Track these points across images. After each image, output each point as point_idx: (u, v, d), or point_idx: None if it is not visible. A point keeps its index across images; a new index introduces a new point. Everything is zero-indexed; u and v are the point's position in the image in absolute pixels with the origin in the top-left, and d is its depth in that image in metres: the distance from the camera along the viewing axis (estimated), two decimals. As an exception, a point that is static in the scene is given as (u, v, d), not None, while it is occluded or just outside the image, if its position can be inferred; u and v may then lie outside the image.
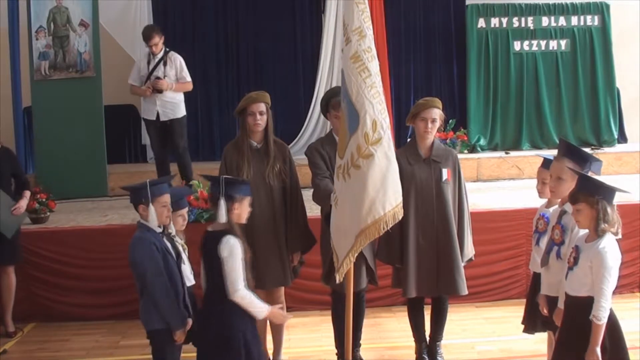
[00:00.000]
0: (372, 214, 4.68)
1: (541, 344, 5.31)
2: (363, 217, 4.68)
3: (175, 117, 8.35)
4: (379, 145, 4.68)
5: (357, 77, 4.70)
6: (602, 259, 3.90)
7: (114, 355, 6.13)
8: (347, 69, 4.76)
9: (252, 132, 5.31)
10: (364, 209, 4.67)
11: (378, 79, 4.79)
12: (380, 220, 4.70)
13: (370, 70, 4.73)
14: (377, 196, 4.67)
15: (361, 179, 4.66)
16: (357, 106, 4.68)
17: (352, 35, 4.75)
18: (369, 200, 4.66)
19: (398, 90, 10.93)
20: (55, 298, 7.00)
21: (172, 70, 8.30)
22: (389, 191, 4.71)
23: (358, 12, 4.77)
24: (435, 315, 5.54)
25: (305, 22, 10.99)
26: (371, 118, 4.66)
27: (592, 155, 4.55)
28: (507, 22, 10.46)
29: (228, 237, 4.15)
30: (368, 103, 4.66)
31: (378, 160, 4.66)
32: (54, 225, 7.36)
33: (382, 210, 4.69)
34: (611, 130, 10.52)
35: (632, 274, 7.08)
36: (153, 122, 8.39)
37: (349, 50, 4.75)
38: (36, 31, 9.07)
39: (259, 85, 9.51)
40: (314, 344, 6.18)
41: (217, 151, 10.49)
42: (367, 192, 4.65)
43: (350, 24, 4.76)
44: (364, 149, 4.66)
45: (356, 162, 4.67)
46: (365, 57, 4.73)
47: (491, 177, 9.66)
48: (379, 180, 4.67)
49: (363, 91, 4.68)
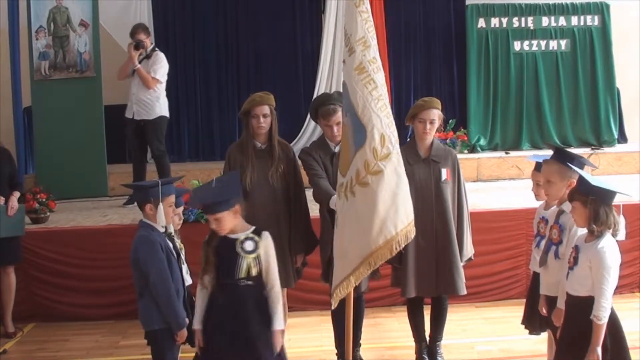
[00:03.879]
0: (384, 234, 4.48)
1: (541, 344, 5.31)
2: (374, 237, 4.48)
3: (148, 118, 8.24)
4: (389, 161, 4.50)
5: (362, 89, 4.53)
6: (601, 259, 3.91)
7: (114, 355, 6.13)
8: (352, 80, 4.58)
9: (256, 134, 5.31)
10: (374, 229, 4.47)
11: (384, 91, 4.64)
12: (393, 240, 4.50)
13: (376, 82, 4.56)
14: (389, 215, 4.49)
15: (370, 197, 4.47)
16: (363, 120, 4.50)
17: (356, 46, 4.58)
18: (379, 219, 4.47)
19: (398, 90, 10.95)
20: (55, 298, 7.00)
21: (148, 65, 8.25)
22: (400, 209, 4.53)
23: (361, 21, 4.61)
24: (435, 315, 5.54)
25: (305, 22, 10.98)
26: (379, 132, 4.49)
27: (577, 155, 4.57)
28: (507, 22, 10.45)
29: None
30: (375, 117, 4.50)
31: (388, 177, 4.49)
32: (54, 225, 7.36)
33: (393, 229, 4.50)
34: (611, 130, 10.50)
35: (632, 274, 7.08)
36: (129, 121, 8.35)
37: (352, 61, 4.58)
38: (36, 31, 9.07)
39: (258, 86, 9.52)
40: (314, 344, 6.18)
41: (217, 151, 10.51)
42: (377, 211, 4.46)
43: (354, 33, 4.60)
44: (372, 165, 4.47)
45: (363, 180, 4.48)
46: (371, 68, 4.57)
47: (491, 177, 9.65)
48: (390, 198, 4.49)
49: (370, 104, 4.51)
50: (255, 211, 5.23)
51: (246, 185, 5.21)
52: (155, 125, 8.28)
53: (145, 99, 8.22)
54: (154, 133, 8.29)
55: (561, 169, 4.43)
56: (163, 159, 8.37)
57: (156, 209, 4.43)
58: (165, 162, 8.40)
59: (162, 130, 8.42)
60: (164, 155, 8.40)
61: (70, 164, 8.91)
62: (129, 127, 8.42)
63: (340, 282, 4.66)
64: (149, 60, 8.24)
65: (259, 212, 5.22)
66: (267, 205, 5.28)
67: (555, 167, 4.48)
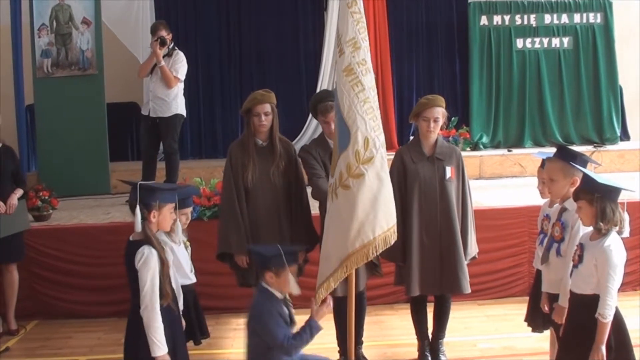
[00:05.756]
0: (361, 238, 4.46)
1: (543, 342, 5.31)
2: (351, 240, 4.47)
3: (164, 116, 8.19)
4: (371, 165, 4.47)
5: (349, 91, 4.49)
6: (607, 257, 3.90)
7: (116, 352, 6.10)
8: (340, 82, 4.56)
9: (257, 132, 5.31)
10: (352, 232, 4.45)
11: (373, 94, 4.59)
12: (369, 245, 4.48)
13: (363, 84, 4.51)
14: (367, 219, 4.46)
15: (350, 200, 4.45)
16: (348, 122, 4.48)
17: (346, 47, 4.54)
18: (357, 223, 4.45)
19: (400, 87, 10.95)
20: (58, 295, 7.01)
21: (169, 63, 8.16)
22: (379, 214, 4.49)
23: (353, 22, 4.56)
24: (437, 312, 5.54)
25: (308, 20, 11.01)
26: (363, 135, 4.46)
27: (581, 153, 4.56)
28: (509, 20, 10.44)
29: (143, 248, 3.92)
30: (360, 119, 4.47)
31: (369, 181, 4.46)
32: (57, 222, 7.37)
33: (371, 234, 4.48)
34: (614, 127, 10.49)
35: (634, 272, 7.06)
36: (145, 118, 8.31)
37: (342, 62, 4.56)
38: (38, 29, 9.06)
39: (261, 83, 9.51)
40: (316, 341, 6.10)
41: (220, 149, 10.51)
42: (355, 215, 4.44)
43: (344, 34, 4.56)
44: (354, 168, 4.45)
45: (345, 182, 4.47)
46: (359, 70, 4.52)
47: (493, 174, 9.65)
48: (369, 202, 4.46)
49: (355, 106, 4.48)
50: (257, 208, 5.25)
51: (247, 183, 5.23)
52: (170, 123, 8.24)
53: (164, 97, 8.16)
54: (168, 131, 8.24)
55: (564, 166, 4.42)
56: (174, 156, 8.36)
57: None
58: (176, 160, 8.38)
59: (177, 129, 8.39)
60: (176, 153, 8.38)
61: (72, 161, 8.92)
62: (143, 124, 8.39)
63: (321, 284, 4.65)
64: (170, 59, 8.16)
65: (260, 209, 5.24)
66: (268, 203, 5.28)
67: (558, 165, 4.48)
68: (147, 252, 3.91)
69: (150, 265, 3.90)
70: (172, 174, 8.29)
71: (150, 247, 3.94)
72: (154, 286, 3.90)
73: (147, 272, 3.89)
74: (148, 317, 3.90)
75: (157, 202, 4.02)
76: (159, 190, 4.09)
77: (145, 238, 3.97)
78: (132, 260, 3.92)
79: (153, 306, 3.90)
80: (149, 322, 3.90)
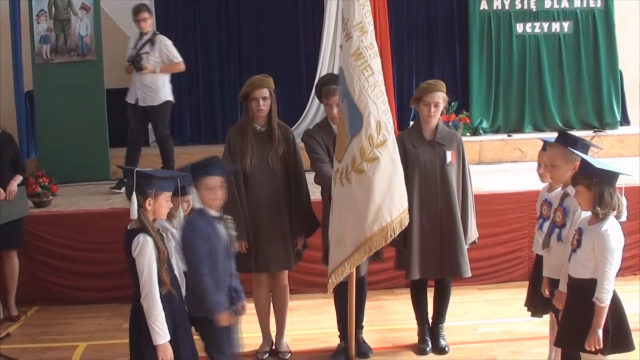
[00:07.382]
0: (379, 221, 4.53)
1: (543, 326, 5.32)
2: (369, 224, 4.52)
3: (153, 104, 8.21)
4: (384, 148, 4.52)
5: (359, 75, 4.53)
6: (605, 242, 3.90)
7: (117, 337, 6.14)
8: (348, 66, 4.58)
9: (255, 117, 5.31)
10: (370, 216, 4.51)
11: (381, 78, 4.64)
12: (388, 227, 4.55)
13: (372, 68, 4.57)
14: (384, 202, 4.52)
15: (365, 184, 4.50)
16: (359, 107, 4.51)
17: (354, 31, 4.57)
18: (375, 206, 4.50)
19: (400, 73, 10.90)
20: (58, 281, 7.03)
21: (156, 52, 8.17)
22: (395, 197, 4.57)
23: (359, 6, 4.60)
24: (437, 297, 5.56)
25: (307, 6, 10.96)
26: (375, 119, 4.50)
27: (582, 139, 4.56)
28: (509, 4, 10.39)
29: (138, 237, 3.90)
30: (372, 103, 4.51)
31: (384, 164, 4.52)
32: (57, 209, 7.38)
33: (389, 216, 4.55)
34: (614, 112, 10.47)
35: (634, 256, 7.07)
36: (132, 107, 8.30)
37: (349, 47, 4.57)
38: (37, 15, 9.04)
39: (260, 69, 9.47)
40: (316, 326, 6.19)
41: (219, 135, 10.49)
42: (372, 199, 4.49)
43: (351, 19, 4.59)
44: (368, 152, 4.49)
45: (359, 167, 4.50)
46: (368, 54, 4.57)
47: (493, 159, 9.64)
48: (385, 185, 4.52)
49: (366, 90, 4.52)
50: (256, 194, 5.25)
51: (246, 168, 5.22)
52: (160, 110, 8.27)
53: (152, 86, 8.18)
54: (159, 118, 8.28)
55: (566, 152, 4.40)
56: (167, 142, 8.38)
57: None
58: (169, 145, 8.40)
59: (167, 115, 8.42)
60: (168, 139, 8.41)
61: (72, 147, 8.91)
62: (130, 112, 8.38)
63: (335, 269, 4.68)
64: (153, 46, 8.17)
65: (259, 195, 5.24)
66: (267, 188, 5.27)
67: (560, 151, 4.46)
68: (142, 240, 3.90)
69: (146, 253, 3.89)
70: (168, 159, 8.30)
71: (145, 235, 3.92)
72: (152, 274, 3.90)
73: (143, 261, 3.88)
74: (148, 305, 3.90)
75: (153, 190, 3.98)
76: (155, 178, 4.03)
77: (141, 226, 3.96)
78: (130, 248, 3.93)
79: (152, 294, 3.90)
80: (149, 310, 3.91)
